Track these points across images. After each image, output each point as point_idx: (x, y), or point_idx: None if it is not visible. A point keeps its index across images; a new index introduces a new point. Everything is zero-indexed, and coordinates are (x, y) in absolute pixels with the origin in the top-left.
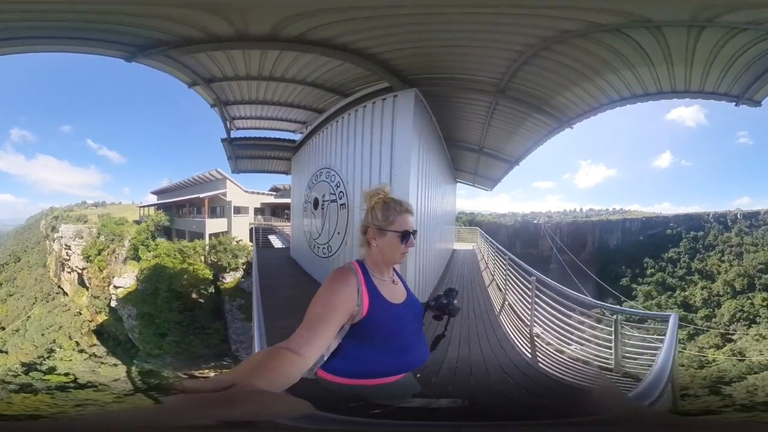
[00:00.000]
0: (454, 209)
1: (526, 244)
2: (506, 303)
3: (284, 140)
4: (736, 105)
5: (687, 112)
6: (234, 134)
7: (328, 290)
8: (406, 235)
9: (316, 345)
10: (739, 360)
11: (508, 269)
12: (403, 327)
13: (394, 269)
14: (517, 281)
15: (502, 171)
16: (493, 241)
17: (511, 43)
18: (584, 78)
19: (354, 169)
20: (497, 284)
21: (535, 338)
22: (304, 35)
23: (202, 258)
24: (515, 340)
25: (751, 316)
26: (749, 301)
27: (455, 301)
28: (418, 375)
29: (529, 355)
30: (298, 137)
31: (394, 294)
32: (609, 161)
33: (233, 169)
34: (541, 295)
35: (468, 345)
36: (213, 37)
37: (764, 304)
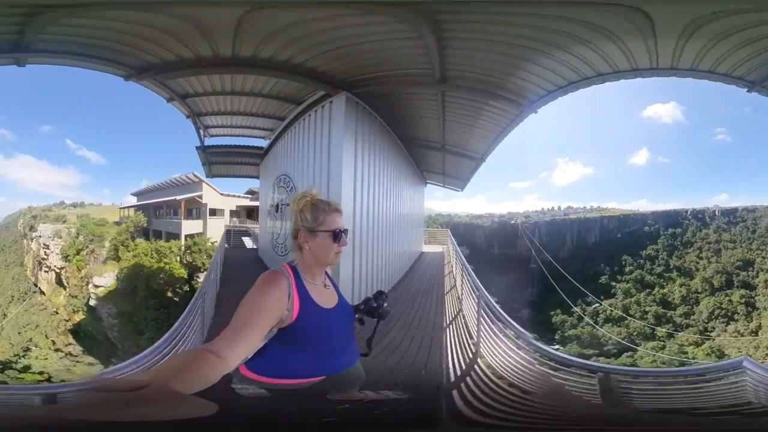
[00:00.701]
0: (421, 211)
1: (504, 244)
2: (461, 314)
3: (252, 147)
4: (748, 92)
5: (664, 109)
6: (208, 142)
7: (258, 293)
8: (337, 234)
9: (240, 349)
10: (718, 358)
11: (463, 278)
12: (333, 332)
13: (327, 273)
14: (472, 293)
15: (470, 169)
16: (455, 243)
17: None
18: (539, 54)
19: (304, 174)
20: (457, 292)
21: (478, 359)
22: (254, 57)
23: (178, 258)
24: (451, 358)
25: (729, 314)
26: (727, 298)
27: (385, 304)
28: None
29: (453, 375)
30: (266, 144)
31: (326, 298)
32: (586, 159)
33: (207, 174)
34: (485, 316)
35: (389, 355)
36: (192, 61)
37: (742, 301)
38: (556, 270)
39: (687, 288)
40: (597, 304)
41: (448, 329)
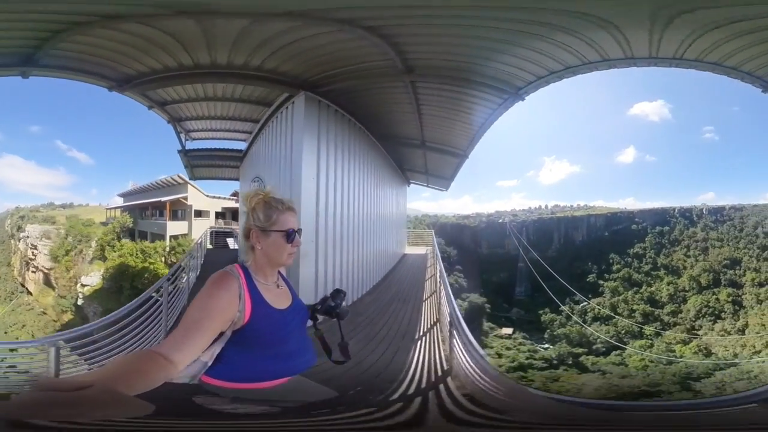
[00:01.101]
0: (403, 211)
1: (492, 244)
2: (438, 325)
3: (232, 150)
4: (763, 92)
5: (651, 107)
6: (190, 145)
7: (208, 295)
8: (290, 234)
9: (188, 351)
10: (705, 356)
11: (440, 285)
12: (287, 333)
13: (280, 273)
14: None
15: (453, 166)
16: (436, 245)
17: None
18: (512, 42)
19: (273, 175)
20: (437, 298)
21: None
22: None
23: (163, 258)
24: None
25: (716, 312)
26: (714, 296)
27: (343, 304)
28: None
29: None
30: (245, 146)
31: (279, 299)
32: (572, 157)
33: (190, 176)
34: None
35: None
36: (162, 71)
37: (729, 299)
38: (544, 269)
39: (674, 286)
40: (585, 303)
41: (420, 341)
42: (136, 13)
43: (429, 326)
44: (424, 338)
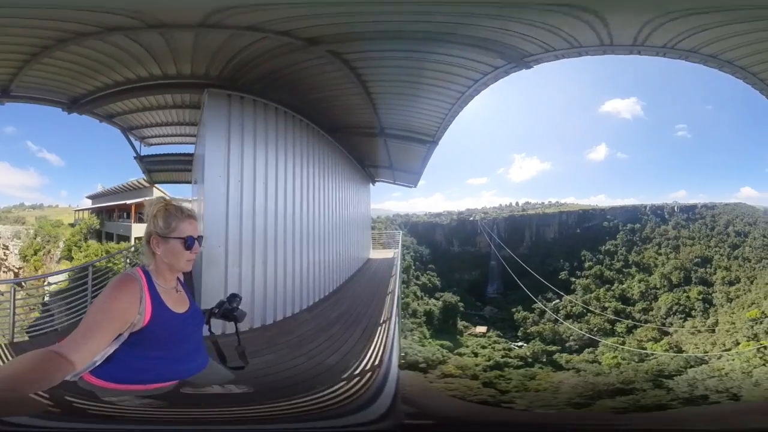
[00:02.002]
0: (366, 212)
1: (464, 242)
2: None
3: (184, 154)
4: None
5: (623, 104)
6: (146, 151)
7: (109, 297)
8: (189, 241)
9: (87, 351)
10: (676, 353)
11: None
12: (184, 336)
13: (178, 278)
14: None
15: (420, 157)
16: (400, 249)
17: None
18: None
19: (196, 178)
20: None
21: None
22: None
23: (127, 259)
24: None
25: (687, 310)
26: (685, 294)
27: (239, 307)
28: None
29: None
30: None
31: (178, 303)
32: (543, 154)
33: (149, 180)
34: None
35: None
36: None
37: (700, 297)
38: (516, 266)
39: (646, 284)
40: (557, 300)
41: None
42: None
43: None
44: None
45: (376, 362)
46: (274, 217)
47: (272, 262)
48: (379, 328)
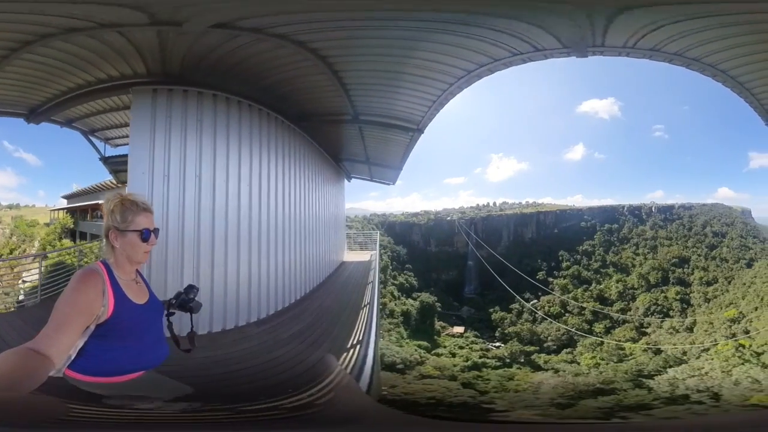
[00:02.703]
0: (341, 210)
1: (441, 242)
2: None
3: None
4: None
5: (601, 105)
6: (110, 152)
7: (75, 291)
8: (145, 234)
9: (62, 346)
10: (655, 353)
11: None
12: (146, 327)
13: (137, 270)
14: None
15: (400, 149)
16: (378, 252)
17: None
18: None
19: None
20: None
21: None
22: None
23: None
24: None
25: (665, 310)
26: (663, 294)
27: (196, 298)
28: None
29: None
30: None
31: (138, 294)
32: (520, 154)
33: (116, 181)
34: None
35: None
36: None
37: (677, 297)
38: (493, 266)
39: (623, 284)
40: (535, 301)
41: None
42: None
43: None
44: None
45: None
46: (211, 217)
47: (208, 268)
48: (346, 354)
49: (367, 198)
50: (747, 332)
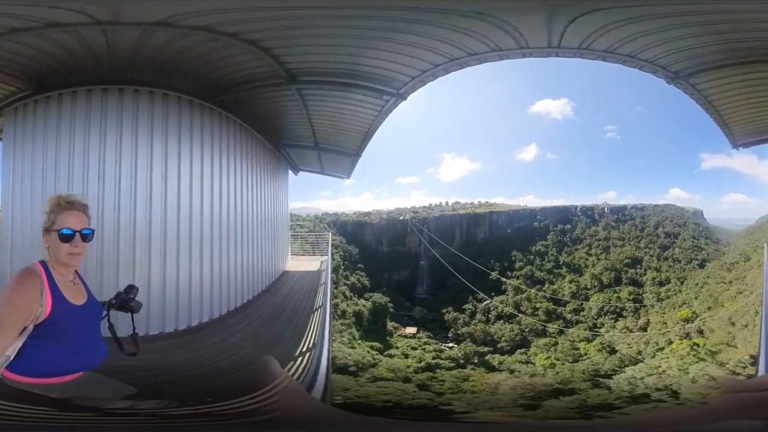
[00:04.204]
0: (282, 209)
1: (394, 241)
2: None
3: None
4: (667, 83)
5: (554, 105)
6: None
7: (13, 291)
8: (64, 234)
9: (0, 347)
10: (610, 353)
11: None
12: (84, 327)
13: (76, 271)
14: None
15: (358, 137)
16: (330, 260)
17: None
18: None
19: None
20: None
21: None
22: None
23: None
24: None
25: (618, 310)
26: (616, 295)
27: (136, 298)
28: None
29: None
30: None
31: (76, 295)
32: (473, 154)
33: None
34: None
35: None
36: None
37: (630, 298)
38: (446, 266)
39: (576, 284)
40: (488, 301)
41: None
42: None
43: None
44: None
45: None
46: (145, 215)
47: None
48: (295, 357)
49: (319, 197)
50: (701, 332)
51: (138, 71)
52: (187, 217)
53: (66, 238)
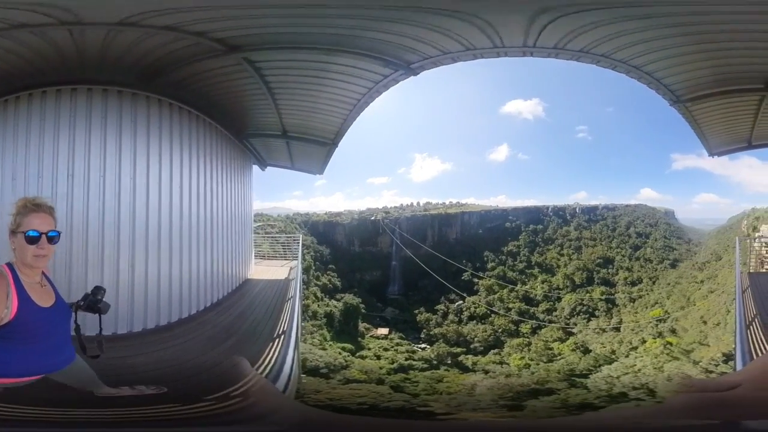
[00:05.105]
0: (245, 208)
1: (365, 242)
2: None
3: None
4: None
5: (525, 105)
6: None
7: None
8: (29, 236)
9: None
10: (583, 353)
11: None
12: (51, 330)
13: (43, 273)
14: None
15: (334, 120)
16: (300, 267)
17: None
18: None
19: None
20: None
21: None
22: None
23: None
24: None
25: (590, 310)
26: (588, 294)
27: (103, 299)
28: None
29: None
30: None
31: (43, 297)
32: (444, 154)
33: None
34: None
35: None
36: None
37: (603, 297)
38: (418, 267)
39: (549, 284)
40: (461, 302)
41: None
42: None
43: None
44: None
45: None
46: (113, 217)
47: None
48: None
49: (290, 197)
50: (673, 331)
51: (107, 71)
52: (144, 218)
53: (32, 240)
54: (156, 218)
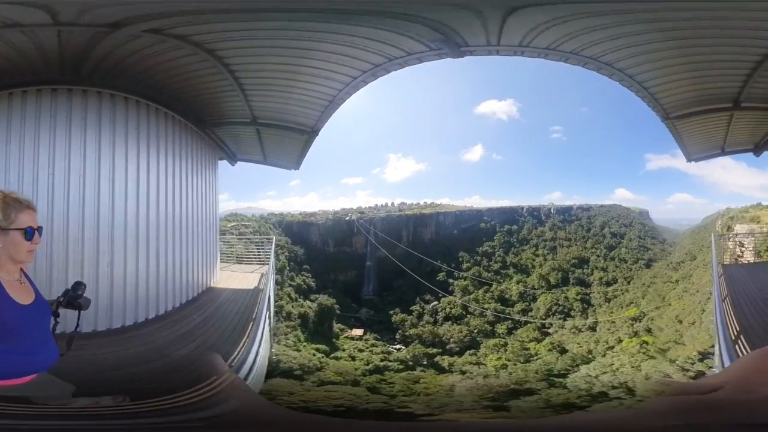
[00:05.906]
0: (209, 206)
1: (340, 242)
2: None
3: None
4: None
5: (499, 106)
6: None
7: None
8: (29, 232)
9: None
10: (560, 353)
11: None
12: (31, 328)
13: (22, 270)
14: None
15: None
16: (272, 272)
17: None
18: None
19: None
20: None
21: None
22: None
23: None
24: None
25: (566, 310)
26: (563, 294)
27: (84, 294)
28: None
29: None
30: None
31: (22, 294)
32: (418, 155)
33: None
34: None
35: None
36: None
37: (578, 297)
38: (393, 267)
39: (524, 285)
40: (436, 302)
41: None
42: None
43: None
44: None
45: None
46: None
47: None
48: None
49: (264, 197)
50: (649, 330)
51: (87, 72)
52: (109, 217)
53: (30, 236)
54: (108, 219)
